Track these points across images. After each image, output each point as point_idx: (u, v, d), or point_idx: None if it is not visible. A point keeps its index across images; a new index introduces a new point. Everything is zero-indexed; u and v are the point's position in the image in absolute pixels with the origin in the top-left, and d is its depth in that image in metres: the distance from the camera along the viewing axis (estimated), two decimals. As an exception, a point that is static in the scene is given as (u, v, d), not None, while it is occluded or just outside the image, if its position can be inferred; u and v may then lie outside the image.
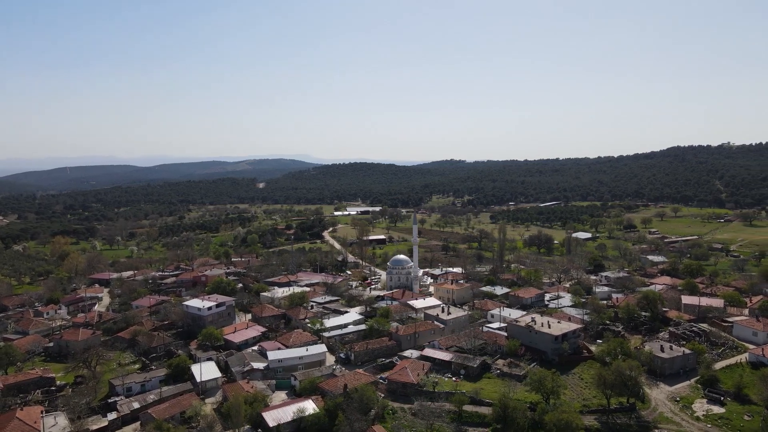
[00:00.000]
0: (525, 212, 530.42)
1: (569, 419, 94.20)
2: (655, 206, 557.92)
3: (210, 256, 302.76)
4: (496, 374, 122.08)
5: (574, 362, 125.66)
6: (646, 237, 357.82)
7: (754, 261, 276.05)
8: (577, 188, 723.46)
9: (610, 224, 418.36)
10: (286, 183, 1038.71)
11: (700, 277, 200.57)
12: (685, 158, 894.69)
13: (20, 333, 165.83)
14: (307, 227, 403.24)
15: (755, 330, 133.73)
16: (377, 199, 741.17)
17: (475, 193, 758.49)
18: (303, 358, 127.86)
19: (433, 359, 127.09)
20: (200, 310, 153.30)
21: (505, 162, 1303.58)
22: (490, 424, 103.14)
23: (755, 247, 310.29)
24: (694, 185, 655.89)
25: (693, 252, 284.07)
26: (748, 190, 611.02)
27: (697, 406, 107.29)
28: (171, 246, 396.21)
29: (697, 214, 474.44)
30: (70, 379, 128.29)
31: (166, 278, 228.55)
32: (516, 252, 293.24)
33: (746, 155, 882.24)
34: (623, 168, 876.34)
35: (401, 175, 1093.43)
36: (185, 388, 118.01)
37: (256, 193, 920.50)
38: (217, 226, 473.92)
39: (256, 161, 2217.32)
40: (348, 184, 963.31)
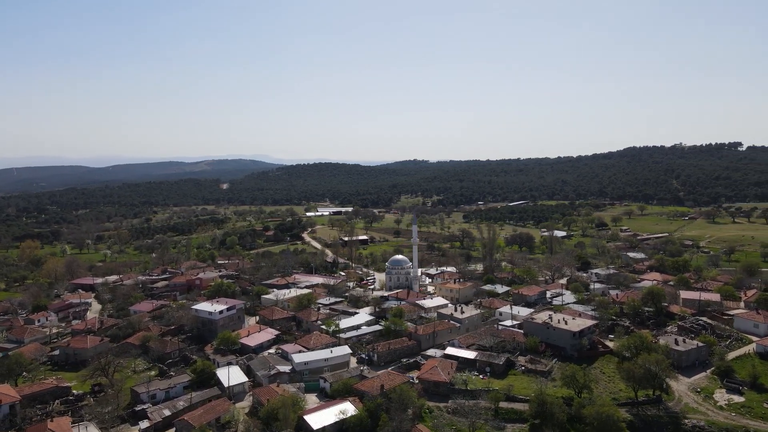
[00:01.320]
0: (497, 212, 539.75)
1: (610, 412, 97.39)
2: (620, 205, 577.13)
3: (193, 258, 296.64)
4: (520, 371, 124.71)
5: (592, 357, 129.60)
6: (619, 235, 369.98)
7: (725, 257, 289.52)
8: (543, 188, 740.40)
9: (582, 222, 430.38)
10: (251, 184, 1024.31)
11: (686, 273, 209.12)
12: (641, 158, 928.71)
13: (15, 342, 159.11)
14: (285, 228, 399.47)
15: (756, 322, 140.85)
16: (347, 200, 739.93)
17: (444, 192, 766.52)
18: (328, 360, 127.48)
19: (456, 357, 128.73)
20: (211, 314, 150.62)
21: (468, 162, 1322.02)
22: (527, 420, 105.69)
23: (723, 243, 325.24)
24: (653, 184, 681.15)
25: (668, 249, 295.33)
26: (703, 189, 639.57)
27: (718, 396, 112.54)
28: (144, 249, 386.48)
29: (662, 212, 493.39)
30: (86, 388, 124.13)
31: (155, 282, 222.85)
32: (501, 251, 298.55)
33: (697, 155, 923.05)
34: (584, 168, 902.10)
35: (367, 175, 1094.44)
36: (213, 393, 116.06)
37: (221, 194, 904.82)
38: (189, 228, 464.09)
39: (215, 161, 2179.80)
40: (315, 185, 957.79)
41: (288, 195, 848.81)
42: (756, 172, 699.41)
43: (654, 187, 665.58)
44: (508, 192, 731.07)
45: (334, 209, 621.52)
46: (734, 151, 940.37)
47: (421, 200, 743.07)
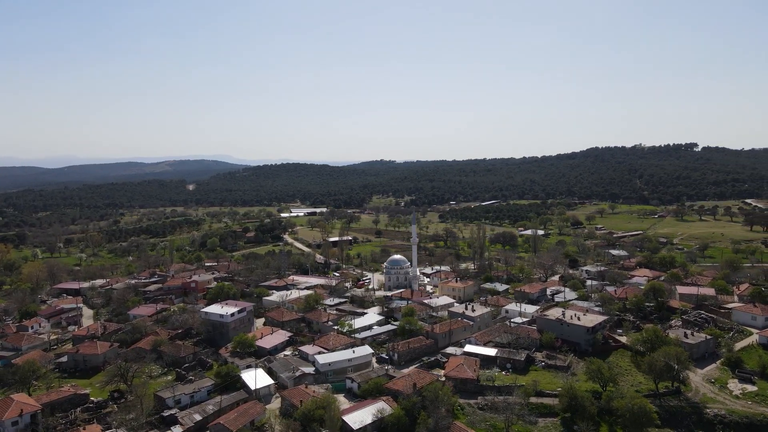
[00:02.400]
0: (472, 211, 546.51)
1: (642, 404, 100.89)
2: (590, 203, 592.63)
3: (177, 261, 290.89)
4: (540, 366, 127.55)
5: (607, 351, 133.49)
6: (595, 233, 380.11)
7: (698, 253, 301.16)
8: (512, 187, 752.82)
9: (557, 221, 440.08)
10: (218, 185, 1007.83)
11: (673, 269, 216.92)
12: (604, 158, 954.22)
13: (12, 350, 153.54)
14: (266, 230, 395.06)
15: (754, 315, 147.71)
16: (319, 200, 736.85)
17: (415, 193, 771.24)
18: (351, 361, 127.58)
19: (476, 355, 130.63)
20: (223, 316, 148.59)
21: (435, 162, 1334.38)
22: (558, 414, 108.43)
23: (695, 240, 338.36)
24: (618, 184, 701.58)
25: (646, 246, 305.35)
26: (665, 188, 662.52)
27: (732, 386, 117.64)
28: (119, 252, 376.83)
29: (631, 210, 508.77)
30: (104, 394, 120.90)
31: (146, 285, 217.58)
32: (487, 250, 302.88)
33: (657, 156, 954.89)
34: (550, 168, 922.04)
35: (336, 175, 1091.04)
36: (241, 396, 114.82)
37: (188, 196, 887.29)
38: (163, 231, 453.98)
39: (176, 162, 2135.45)
40: (284, 185, 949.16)
41: (257, 196, 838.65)
42: (713, 172, 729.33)
43: (619, 186, 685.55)
44: (479, 192, 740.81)
45: (308, 210, 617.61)
46: (691, 152, 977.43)
47: (392, 200, 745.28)
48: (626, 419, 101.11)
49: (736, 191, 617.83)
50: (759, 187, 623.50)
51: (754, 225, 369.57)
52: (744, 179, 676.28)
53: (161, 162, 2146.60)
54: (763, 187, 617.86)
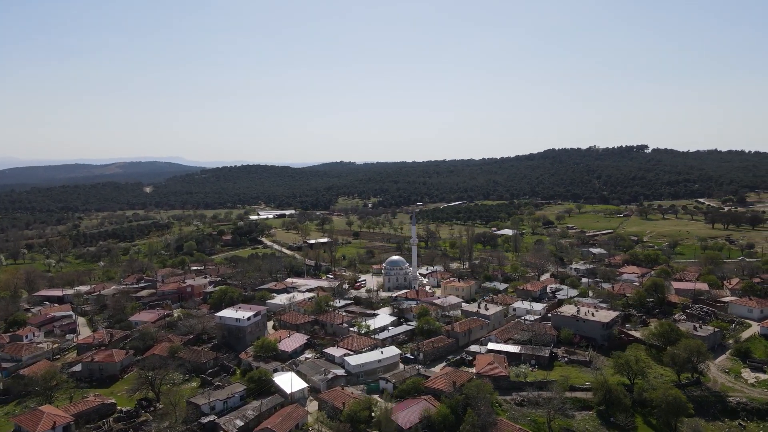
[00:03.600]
0: (442, 212, 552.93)
1: (677, 395, 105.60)
2: (555, 203, 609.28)
3: (157, 265, 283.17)
4: (563, 362, 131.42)
5: (622, 346, 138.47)
6: (567, 232, 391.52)
7: (669, 250, 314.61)
8: (476, 188, 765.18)
9: (529, 221, 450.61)
10: (176, 187, 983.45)
11: (657, 266, 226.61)
12: (561, 159, 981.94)
13: (12, 360, 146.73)
14: (243, 232, 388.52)
15: (750, 307, 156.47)
16: (285, 202, 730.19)
17: (381, 194, 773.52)
18: (381, 362, 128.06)
19: (500, 352, 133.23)
20: (239, 320, 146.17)
21: (395, 163, 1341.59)
22: (592, 407, 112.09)
23: (664, 237, 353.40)
24: (578, 184, 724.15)
25: (620, 244, 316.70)
26: (623, 188, 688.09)
27: (746, 375, 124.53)
28: (88, 257, 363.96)
29: (598, 210, 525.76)
30: (131, 403, 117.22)
31: (137, 291, 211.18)
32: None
33: (611, 157, 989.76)
34: (511, 169, 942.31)
35: (298, 177, 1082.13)
36: (278, 400, 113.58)
37: (147, 198, 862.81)
38: (131, 234, 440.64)
39: (126, 164, 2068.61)
40: (246, 188, 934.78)
41: (220, 198, 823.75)
42: (665, 173, 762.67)
43: (580, 186, 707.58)
44: (444, 192, 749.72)
45: (277, 212, 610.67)
46: (642, 153, 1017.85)
47: (358, 202, 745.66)
48: (661, 410, 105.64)
49: (688, 191, 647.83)
50: (709, 187, 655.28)
51: (715, 223, 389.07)
52: (694, 179, 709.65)
53: (111, 164, 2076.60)
54: (712, 187, 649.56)
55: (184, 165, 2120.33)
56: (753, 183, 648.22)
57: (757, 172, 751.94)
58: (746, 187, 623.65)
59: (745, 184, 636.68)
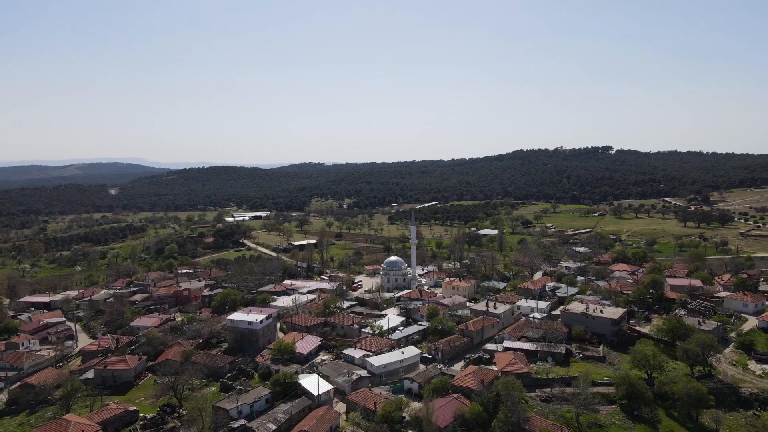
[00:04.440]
0: (420, 212, 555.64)
1: (699, 387, 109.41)
2: (529, 203, 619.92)
3: (141, 268, 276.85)
4: (579, 358, 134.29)
5: (631, 341, 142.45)
6: (546, 231, 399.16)
7: (648, 248, 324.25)
8: (449, 188, 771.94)
9: (507, 221, 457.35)
10: (144, 189, 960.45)
11: (646, 264, 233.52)
12: (530, 160, 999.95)
13: (13, 369, 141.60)
14: (225, 234, 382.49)
15: (745, 302, 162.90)
16: (259, 204, 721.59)
17: (355, 195, 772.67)
18: (403, 362, 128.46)
19: (518, 350, 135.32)
20: (252, 324, 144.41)
21: (364, 164, 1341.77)
22: (615, 402, 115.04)
23: (641, 236, 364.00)
24: (549, 185, 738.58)
25: (601, 243, 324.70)
26: (592, 188, 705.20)
27: (753, 367, 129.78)
28: (63, 262, 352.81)
29: (572, 209, 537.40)
30: (153, 410, 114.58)
31: (130, 296, 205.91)
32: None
33: (578, 158, 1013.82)
34: (481, 169, 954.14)
35: (269, 178, 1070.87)
36: (306, 403, 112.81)
37: (113, 201, 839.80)
38: (105, 238, 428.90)
39: (86, 165, 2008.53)
40: (216, 189, 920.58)
41: (190, 200, 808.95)
42: (632, 173, 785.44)
43: (551, 186, 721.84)
44: (418, 193, 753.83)
45: (253, 214, 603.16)
46: (607, 154, 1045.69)
47: (333, 203, 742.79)
48: (684, 402, 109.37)
49: (654, 190, 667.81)
50: (674, 186, 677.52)
51: (688, 221, 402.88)
52: (659, 179, 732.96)
53: (69, 165, 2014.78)
54: (677, 187, 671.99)
55: (146, 166, 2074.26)
56: (714, 183, 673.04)
57: (716, 173, 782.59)
58: (708, 186, 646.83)
59: (708, 184, 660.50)
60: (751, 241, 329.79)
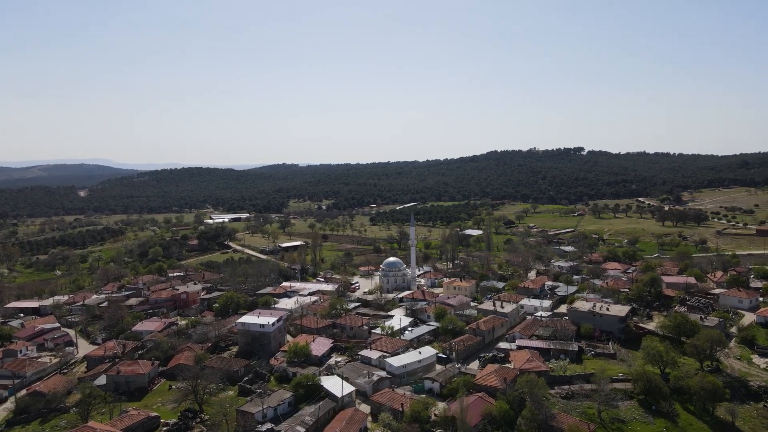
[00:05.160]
0: (401, 213, 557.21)
1: (714, 381, 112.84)
2: (509, 204, 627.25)
3: (128, 272, 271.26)
4: (590, 355, 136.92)
5: (638, 338, 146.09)
6: (530, 231, 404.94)
7: (631, 247, 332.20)
8: (427, 189, 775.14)
9: (490, 221, 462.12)
10: (115, 191, 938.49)
11: (636, 262, 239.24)
12: (504, 161, 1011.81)
13: (16, 377, 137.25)
14: (210, 237, 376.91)
15: (740, 298, 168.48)
16: (236, 205, 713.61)
17: (333, 196, 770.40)
18: (421, 362, 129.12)
19: (533, 348, 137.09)
20: (263, 326, 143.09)
21: (338, 165, 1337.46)
22: (633, 397, 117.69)
23: (622, 235, 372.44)
24: (525, 185, 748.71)
25: (587, 242, 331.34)
26: (567, 188, 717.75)
27: (757, 361, 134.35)
28: (41, 266, 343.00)
29: (552, 209, 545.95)
30: (173, 416, 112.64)
31: (124, 300, 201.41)
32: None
33: (551, 158, 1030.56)
34: (457, 170, 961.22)
35: (243, 180, 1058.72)
36: (331, 405, 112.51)
37: (83, 203, 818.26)
38: (82, 241, 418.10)
39: (50, 167, 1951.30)
40: (190, 191, 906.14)
41: (164, 202, 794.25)
42: (604, 174, 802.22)
43: (527, 187, 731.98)
44: (396, 194, 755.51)
45: (232, 216, 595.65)
46: (579, 155, 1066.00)
47: (311, 204, 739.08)
48: (700, 396, 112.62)
49: (627, 191, 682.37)
50: (645, 187, 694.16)
51: (665, 220, 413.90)
52: (631, 180, 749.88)
53: (32, 167, 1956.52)
54: (648, 187, 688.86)
55: (114, 168, 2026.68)
56: (683, 183, 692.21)
57: (684, 173, 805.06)
58: (679, 186, 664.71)
59: (678, 184, 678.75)
60: (728, 239, 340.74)
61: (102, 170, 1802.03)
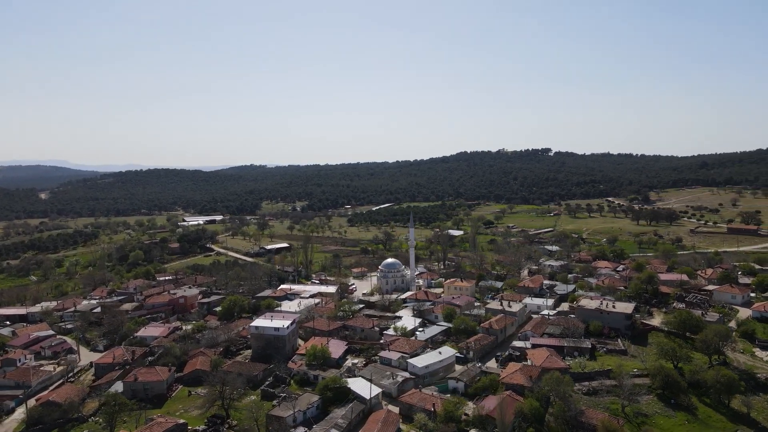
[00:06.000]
0: (379, 214, 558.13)
1: (730, 374, 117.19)
2: (484, 204, 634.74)
3: (115, 275, 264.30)
4: (603, 352, 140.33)
5: (644, 334, 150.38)
6: (510, 231, 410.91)
7: (611, 245, 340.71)
8: (400, 190, 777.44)
9: (474, 222, 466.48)
10: (79, 193, 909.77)
11: (626, 260, 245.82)
12: (474, 162, 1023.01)
13: (21, 387, 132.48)
14: (191, 240, 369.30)
15: (733, 294, 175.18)
16: (209, 207, 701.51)
17: (306, 198, 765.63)
18: (442, 362, 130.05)
19: (543, 346, 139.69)
20: (278, 330, 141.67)
21: (308, 167, 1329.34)
22: (651, 391, 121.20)
23: (600, 234, 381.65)
24: (498, 185, 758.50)
25: (569, 241, 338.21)
26: (539, 189, 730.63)
27: (759, 354, 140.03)
28: (13, 271, 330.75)
29: (528, 210, 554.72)
30: (198, 422, 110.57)
31: (118, 305, 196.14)
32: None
33: (520, 159, 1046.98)
34: (429, 171, 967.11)
35: (213, 181, 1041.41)
36: (360, 407, 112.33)
37: (46, 206, 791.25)
38: (53, 245, 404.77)
39: (4, 168, 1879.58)
40: (158, 193, 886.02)
41: (132, 205, 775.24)
42: (573, 174, 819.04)
43: (499, 188, 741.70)
44: (370, 195, 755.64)
45: (206, 218, 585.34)
46: (547, 156, 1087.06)
47: (284, 206, 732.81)
48: (716, 389, 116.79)
49: (596, 191, 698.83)
50: (613, 187, 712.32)
51: (640, 220, 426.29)
52: (598, 180, 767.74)
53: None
54: (616, 187, 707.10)
55: (72, 169, 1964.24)
56: (649, 183, 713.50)
57: (648, 174, 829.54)
58: (646, 187, 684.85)
59: (645, 185, 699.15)
60: (701, 238, 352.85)
61: (60, 171, 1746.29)
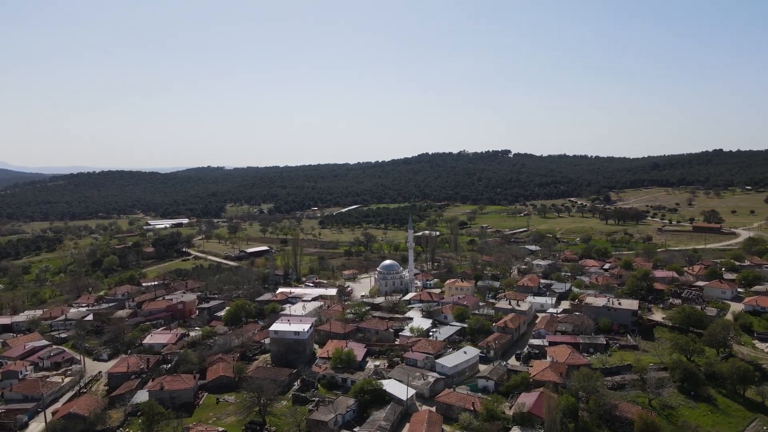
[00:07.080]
0: (350, 216, 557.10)
1: (745, 366, 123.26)
2: (453, 205, 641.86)
3: (97, 281, 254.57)
4: (616, 347, 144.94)
5: (649, 329, 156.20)
6: (486, 231, 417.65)
7: (585, 244, 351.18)
8: (366, 192, 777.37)
9: (441, 223, 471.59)
10: (28, 196, 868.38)
11: (609, 258, 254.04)
12: (437, 163, 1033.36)
13: (32, 400, 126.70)
14: (167, 244, 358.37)
15: (723, 289, 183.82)
16: (172, 210, 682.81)
17: (271, 200, 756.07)
18: (468, 362, 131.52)
19: (561, 343, 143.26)
20: (298, 333, 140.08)
21: (268, 168, 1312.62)
22: (673, 384, 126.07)
23: (573, 234, 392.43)
24: (463, 186, 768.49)
25: (545, 241, 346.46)
26: (503, 189, 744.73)
27: (760, 346, 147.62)
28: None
29: (499, 210, 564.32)
30: (237, 429, 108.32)
31: (112, 312, 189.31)
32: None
33: (481, 161, 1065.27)
34: (392, 172, 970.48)
35: (170, 183, 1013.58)
36: (398, 408, 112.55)
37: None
38: (15, 251, 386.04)
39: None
40: (115, 195, 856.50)
41: (87, 208, 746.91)
42: (534, 175, 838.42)
43: (465, 188, 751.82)
44: (336, 196, 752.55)
45: (172, 221, 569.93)
46: (507, 158, 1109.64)
47: (249, 208, 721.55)
48: (732, 380, 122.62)
49: (558, 191, 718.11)
50: (574, 188, 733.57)
51: (608, 219, 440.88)
52: (559, 181, 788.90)
53: None
54: (577, 188, 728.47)
55: (15, 171, 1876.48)
56: (608, 184, 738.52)
57: (605, 174, 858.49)
58: (605, 187, 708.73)
59: (604, 185, 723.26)
60: (669, 236, 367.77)
61: (1, 173, 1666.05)
